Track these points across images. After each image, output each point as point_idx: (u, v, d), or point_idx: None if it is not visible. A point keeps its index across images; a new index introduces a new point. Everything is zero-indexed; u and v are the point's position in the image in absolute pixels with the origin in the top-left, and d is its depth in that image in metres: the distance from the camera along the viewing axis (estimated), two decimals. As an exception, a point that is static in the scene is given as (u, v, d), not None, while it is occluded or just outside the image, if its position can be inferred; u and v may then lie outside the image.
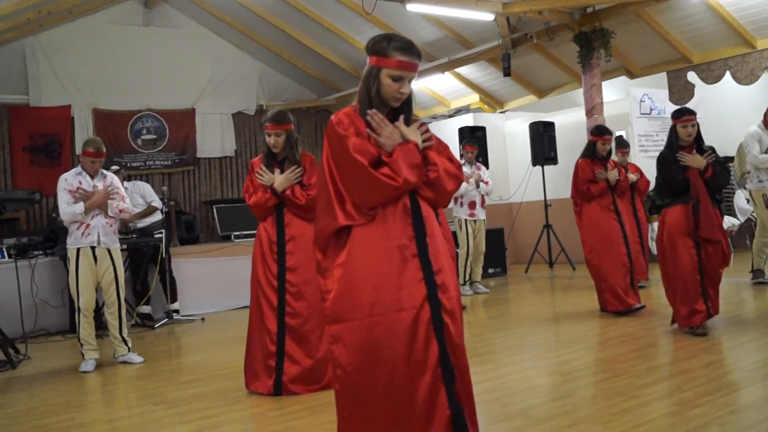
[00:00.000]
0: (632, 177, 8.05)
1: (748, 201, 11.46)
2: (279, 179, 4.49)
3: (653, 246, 10.94)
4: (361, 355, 2.49)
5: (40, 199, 6.69)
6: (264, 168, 4.54)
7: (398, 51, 2.59)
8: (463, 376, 2.58)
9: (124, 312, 5.86)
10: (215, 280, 8.59)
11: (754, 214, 11.51)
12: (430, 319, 2.50)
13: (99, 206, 5.67)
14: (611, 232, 6.52)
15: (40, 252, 7.57)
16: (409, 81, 2.64)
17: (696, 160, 5.28)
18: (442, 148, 2.74)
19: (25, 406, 4.68)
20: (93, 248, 5.67)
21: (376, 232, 2.55)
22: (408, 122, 2.66)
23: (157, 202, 8.47)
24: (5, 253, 7.65)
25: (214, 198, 12.63)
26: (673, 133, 5.43)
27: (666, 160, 5.40)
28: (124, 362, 5.84)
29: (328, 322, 2.57)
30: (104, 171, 5.89)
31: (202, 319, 8.23)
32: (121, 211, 5.82)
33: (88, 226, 5.64)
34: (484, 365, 4.85)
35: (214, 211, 11.07)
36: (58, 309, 7.59)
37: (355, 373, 2.50)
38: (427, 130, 2.67)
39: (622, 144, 8.27)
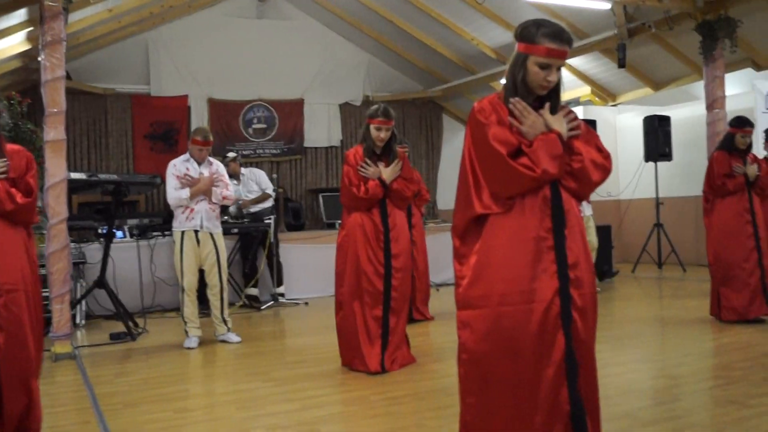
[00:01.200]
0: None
1: None
2: (387, 172, 4.74)
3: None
4: (488, 343, 2.49)
5: (160, 183, 7.02)
6: (368, 161, 4.74)
7: (547, 38, 2.50)
8: (588, 374, 2.54)
9: (226, 294, 6.07)
10: (320, 267, 8.74)
11: None
12: (559, 314, 2.46)
13: (203, 192, 5.90)
14: (742, 235, 6.02)
15: (159, 233, 7.92)
16: (558, 69, 2.55)
17: None
18: (591, 136, 2.64)
19: (145, 375, 4.98)
20: (196, 232, 5.91)
21: (512, 222, 2.52)
22: (554, 110, 2.58)
23: (271, 190, 8.72)
24: (127, 233, 8.09)
25: (319, 186, 12.86)
26: None
27: None
28: (223, 341, 6.06)
29: (459, 308, 2.59)
30: (211, 159, 6.12)
31: (306, 303, 8.42)
32: (224, 198, 6.03)
33: (192, 210, 5.89)
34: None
35: (320, 199, 11.28)
36: (173, 287, 7.94)
37: (481, 360, 2.51)
38: (575, 118, 2.59)
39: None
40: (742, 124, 6.19)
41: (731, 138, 6.23)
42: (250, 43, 12.47)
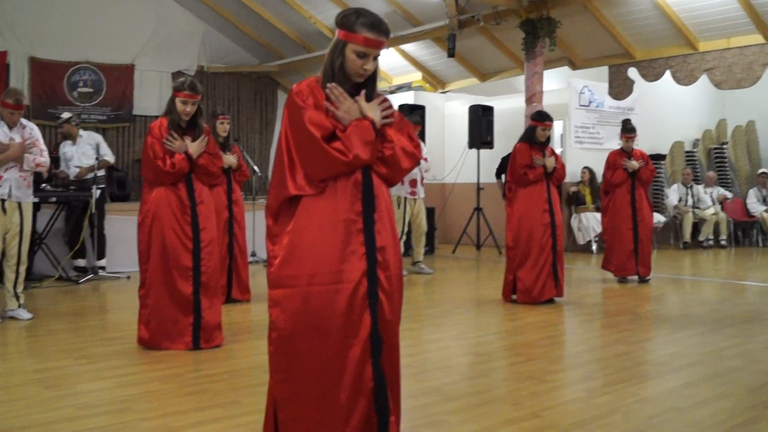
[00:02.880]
0: (635, 164, 7.81)
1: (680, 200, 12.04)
2: (194, 146, 4.69)
3: (580, 237, 11.25)
4: (297, 321, 2.55)
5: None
6: (174, 134, 4.66)
7: (365, 27, 2.57)
8: (392, 353, 2.68)
9: (23, 268, 5.73)
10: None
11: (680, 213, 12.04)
12: (366, 294, 2.57)
13: (14, 159, 5.52)
14: (540, 223, 6.46)
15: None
16: (375, 58, 2.64)
17: None
18: (404, 125, 2.76)
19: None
20: (3, 201, 5.53)
21: (324, 204, 2.58)
22: (370, 98, 2.67)
23: (110, 156, 8.32)
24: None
25: (148, 156, 12.39)
26: None
27: None
28: (12, 317, 5.70)
29: (271, 287, 2.63)
30: (24, 121, 5.72)
31: (128, 277, 8.13)
32: (38, 165, 5.68)
33: (0, 178, 5.50)
34: (403, 341, 4.90)
35: (147, 170, 10.88)
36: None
37: (289, 339, 2.57)
38: (390, 107, 2.69)
39: (628, 129, 7.95)
40: (543, 118, 6.62)
41: (532, 131, 6.65)
42: (79, 1, 11.74)
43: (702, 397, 3.70)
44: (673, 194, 12.45)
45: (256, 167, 10.13)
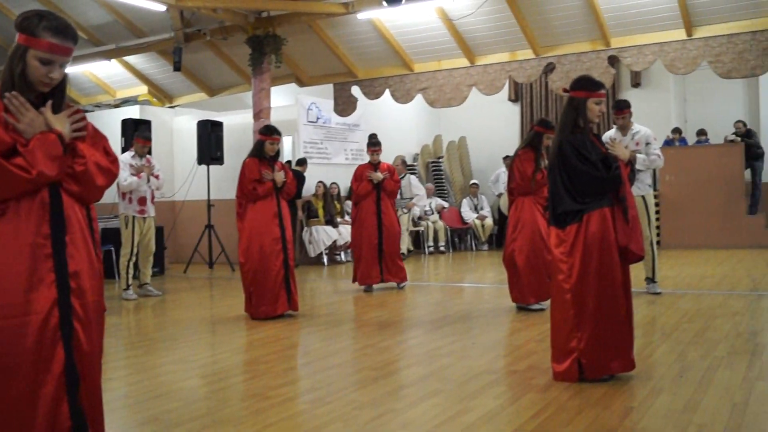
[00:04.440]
0: (379, 176, 8.08)
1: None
2: None
3: (312, 249, 11.48)
4: None
5: None
6: None
7: (50, 32, 2.38)
8: (91, 386, 2.48)
9: None
10: None
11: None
12: (57, 325, 2.36)
13: None
14: (271, 237, 6.46)
15: None
16: (62, 66, 2.44)
17: (623, 150, 4.24)
18: (99, 139, 2.60)
19: None
20: None
21: (5, 227, 2.34)
22: (58, 109, 2.47)
23: None
24: None
25: None
26: (581, 108, 4.12)
27: (583, 145, 4.08)
28: None
29: None
30: None
31: None
32: None
33: None
34: (122, 371, 4.66)
35: None
36: None
37: None
38: (82, 119, 2.51)
39: (373, 143, 8.26)
40: (270, 132, 6.68)
41: (261, 145, 6.66)
42: None
43: (416, 396, 3.90)
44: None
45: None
